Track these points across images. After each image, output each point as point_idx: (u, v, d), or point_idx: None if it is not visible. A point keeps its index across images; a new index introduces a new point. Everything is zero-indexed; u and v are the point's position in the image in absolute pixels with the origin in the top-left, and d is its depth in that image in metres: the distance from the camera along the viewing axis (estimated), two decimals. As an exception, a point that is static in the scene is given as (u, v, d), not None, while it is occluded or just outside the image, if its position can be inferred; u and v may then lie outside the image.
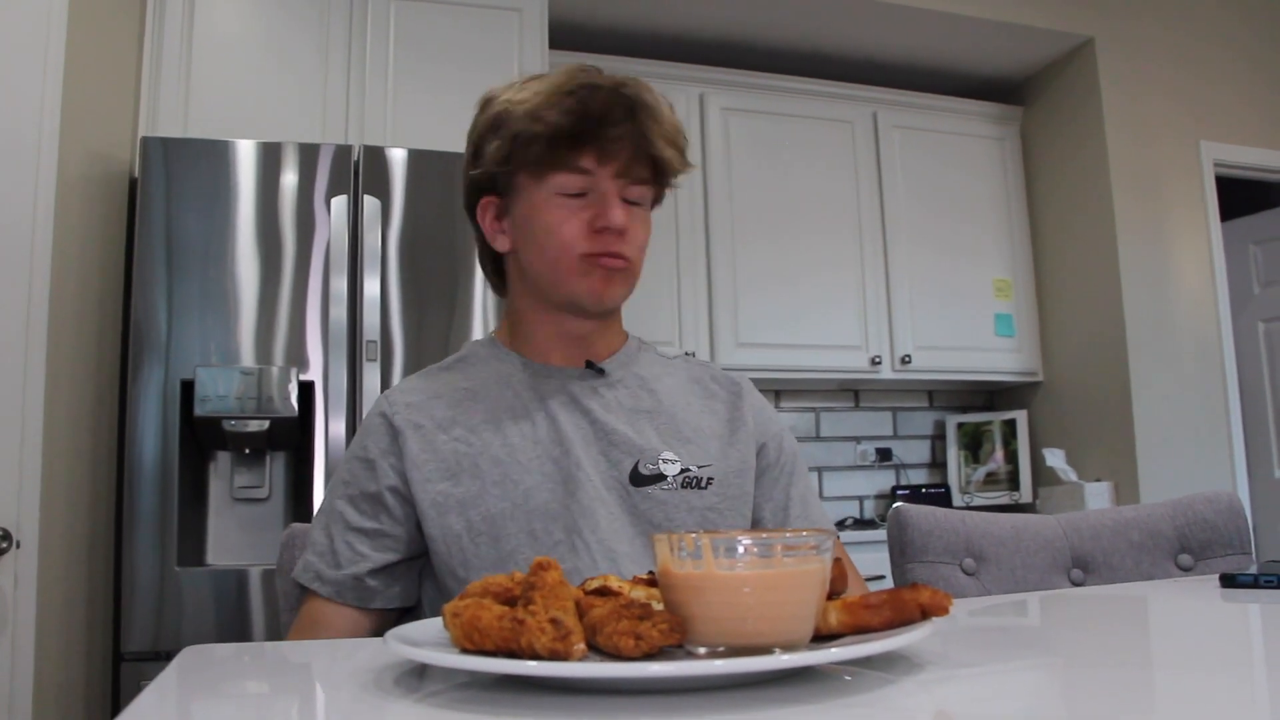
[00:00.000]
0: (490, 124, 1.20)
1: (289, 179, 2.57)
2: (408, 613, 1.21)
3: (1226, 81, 4.17)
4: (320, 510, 1.21)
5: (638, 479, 1.16)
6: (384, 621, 1.15)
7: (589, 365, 1.23)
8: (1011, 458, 4.18)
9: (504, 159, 1.17)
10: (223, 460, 2.60)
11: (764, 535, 0.65)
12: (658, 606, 0.65)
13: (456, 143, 2.87)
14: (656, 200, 1.25)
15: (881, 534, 3.19)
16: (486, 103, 1.24)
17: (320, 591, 1.15)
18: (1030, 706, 0.61)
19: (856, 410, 4.27)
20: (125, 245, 2.67)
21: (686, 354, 1.40)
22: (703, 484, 1.17)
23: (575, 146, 1.12)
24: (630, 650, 0.58)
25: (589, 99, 1.11)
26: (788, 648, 0.61)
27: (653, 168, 1.17)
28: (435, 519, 1.14)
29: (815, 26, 3.89)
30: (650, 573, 0.76)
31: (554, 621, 0.58)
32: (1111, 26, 4.02)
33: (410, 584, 1.19)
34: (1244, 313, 4.31)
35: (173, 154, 2.50)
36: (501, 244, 1.25)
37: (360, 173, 2.63)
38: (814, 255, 3.85)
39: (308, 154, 2.60)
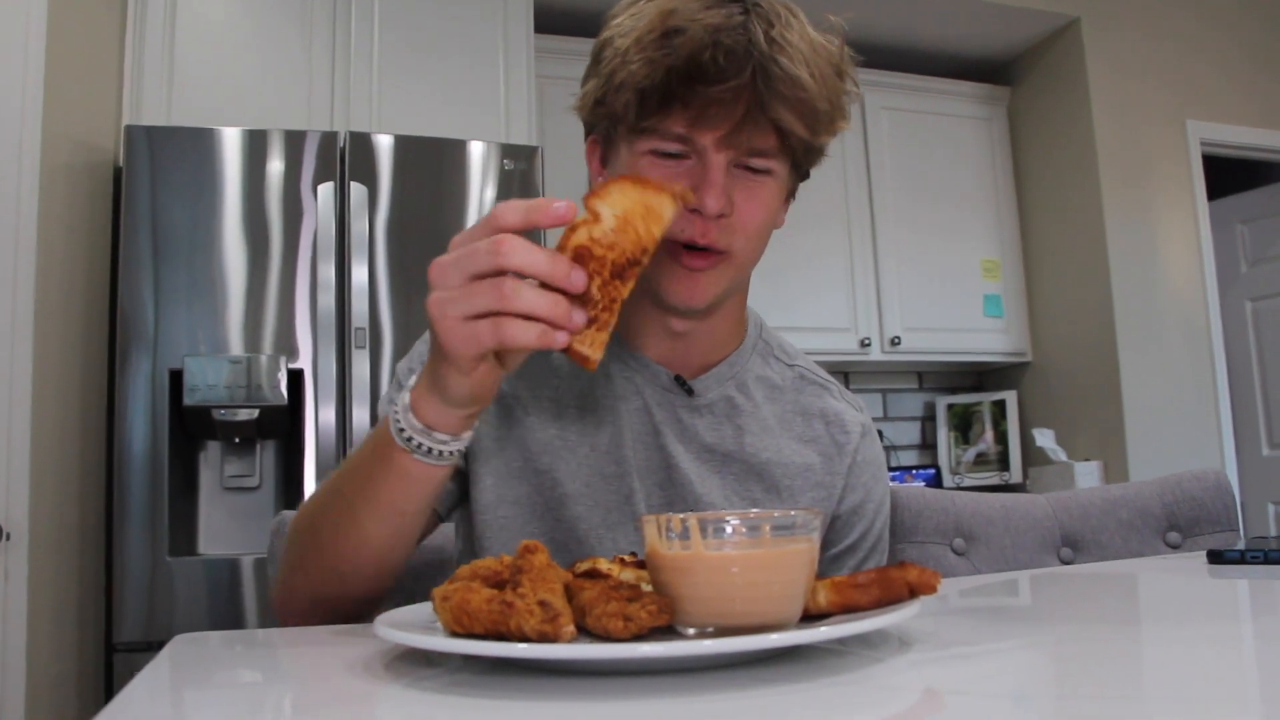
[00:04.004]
0: (596, 51, 0.99)
1: (275, 166, 2.56)
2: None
3: (1213, 60, 4.17)
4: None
5: None
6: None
7: (678, 380, 1.07)
8: (1001, 438, 4.19)
9: (596, 102, 0.97)
10: (213, 450, 2.59)
11: (751, 515, 0.65)
12: (646, 588, 0.65)
13: (442, 128, 2.88)
14: (797, 172, 1.02)
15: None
16: (610, 17, 1.00)
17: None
18: (1020, 684, 0.61)
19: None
20: (111, 235, 2.66)
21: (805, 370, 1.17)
22: None
23: (664, 105, 0.91)
24: (619, 632, 0.58)
25: (682, 44, 0.87)
26: (776, 627, 0.61)
27: (778, 134, 0.93)
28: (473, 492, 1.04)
29: (801, 8, 3.87)
30: (633, 554, 0.76)
31: (543, 604, 0.58)
32: (1097, 6, 4.02)
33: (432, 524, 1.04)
34: (1231, 291, 4.33)
35: (157, 142, 2.49)
36: None
37: (347, 159, 2.62)
38: (802, 237, 3.85)
39: (293, 141, 2.59)
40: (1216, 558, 1.14)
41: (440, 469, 0.83)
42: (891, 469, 4.19)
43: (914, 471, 4.18)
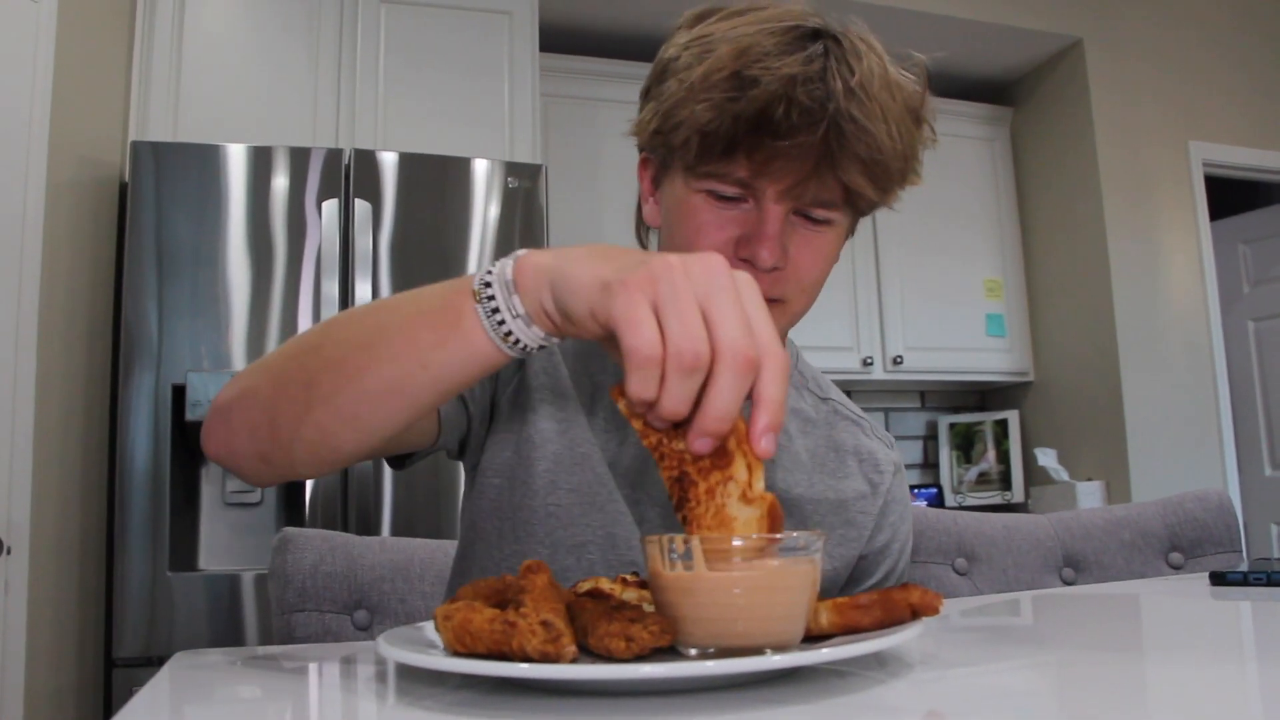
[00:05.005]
0: (658, 72, 0.93)
1: (280, 183, 2.57)
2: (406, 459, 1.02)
3: (1215, 82, 4.19)
4: None
5: None
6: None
7: None
8: (1003, 458, 4.18)
9: (654, 131, 0.91)
10: (214, 465, 2.59)
11: (754, 536, 0.65)
12: (648, 608, 0.65)
13: (447, 145, 2.89)
14: (855, 219, 0.98)
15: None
16: (674, 32, 0.95)
17: None
18: (1022, 705, 0.61)
19: (849, 411, 4.28)
20: (115, 250, 2.67)
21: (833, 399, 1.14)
22: None
23: (728, 153, 0.86)
24: (621, 652, 0.58)
25: (756, 95, 0.82)
26: (778, 648, 0.61)
27: (845, 191, 0.89)
28: (493, 458, 0.98)
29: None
30: (635, 573, 0.76)
31: (545, 624, 0.58)
32: (1100, 28, 4.04)
33: (430, 432, 0.96)
34: (1234, 311, 4.33)
35: (163, 158, 2.50)
36: (650, 215, 1.01)
37: (351, 176, 2.63)
38: (805, 256, 3.84)
39: (298, 158, 2.60)
40: (1219, 579, 1.14)
41: (483, 349, 0.71)
42: (893, 488, 4.18)
43: (916, 491, 4.17)
